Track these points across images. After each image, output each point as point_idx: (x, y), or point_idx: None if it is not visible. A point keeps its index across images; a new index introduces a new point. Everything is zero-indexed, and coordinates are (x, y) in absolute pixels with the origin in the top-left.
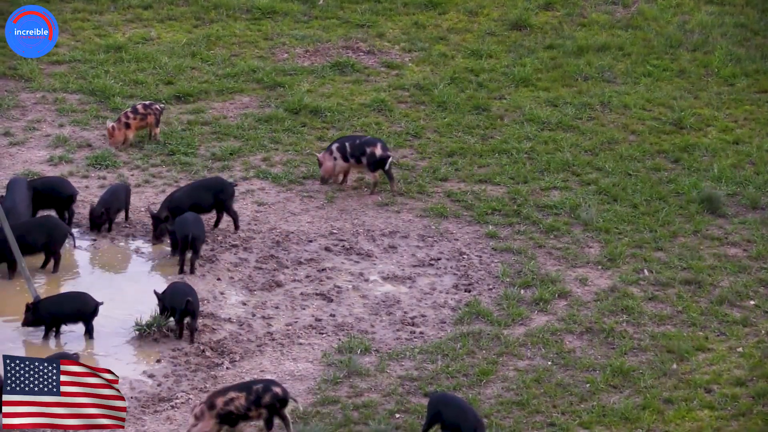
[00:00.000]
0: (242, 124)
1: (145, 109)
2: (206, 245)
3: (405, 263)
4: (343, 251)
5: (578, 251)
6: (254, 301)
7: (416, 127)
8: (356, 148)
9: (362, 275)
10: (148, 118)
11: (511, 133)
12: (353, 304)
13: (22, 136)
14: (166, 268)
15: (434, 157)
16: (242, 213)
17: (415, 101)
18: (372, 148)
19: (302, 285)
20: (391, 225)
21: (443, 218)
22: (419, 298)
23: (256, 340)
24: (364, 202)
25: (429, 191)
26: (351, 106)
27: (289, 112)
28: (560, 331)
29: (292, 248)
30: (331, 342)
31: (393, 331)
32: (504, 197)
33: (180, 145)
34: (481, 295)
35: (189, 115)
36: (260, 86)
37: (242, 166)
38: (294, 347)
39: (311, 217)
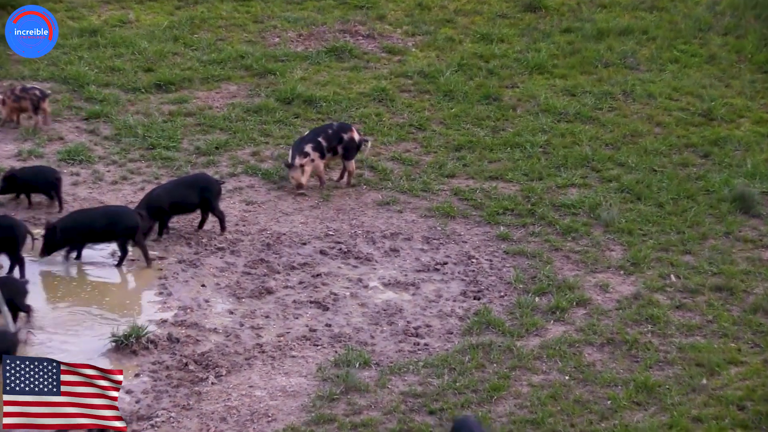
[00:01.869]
0: (229, 115)
1: (23, 92)
2: (189, 248)
3: (408, 268)
4: (340, 255)
5: (598, 255)
6: (242, 310)
7: (420, 119)
8: (332, 138)
9: (361, 281)
10: (22, 103)
11: (525, 125)
12: (351, 313)
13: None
14: (143, 274)
15: (440, 152)
16: (229, 213)
17: (419, 90)
18: (350, 133)
19: (295, 292)
20: (392, 226)
21: (450, 218)
22: (424, 306)
23: (244, 353)
24: (362, 201)
25: (434, 189)
26: (349, 95)
27: (280, 102)
28: (579, 343)
29: (284, 251)
30: (326, 354)
31: (395, 342)
32: (517, 195)
33: (161, 138)
34: (492, 303)
35: (171, 105)
36: (249, 74)
37: (229, 162)
38: (286, 360)
39: (305, 217)
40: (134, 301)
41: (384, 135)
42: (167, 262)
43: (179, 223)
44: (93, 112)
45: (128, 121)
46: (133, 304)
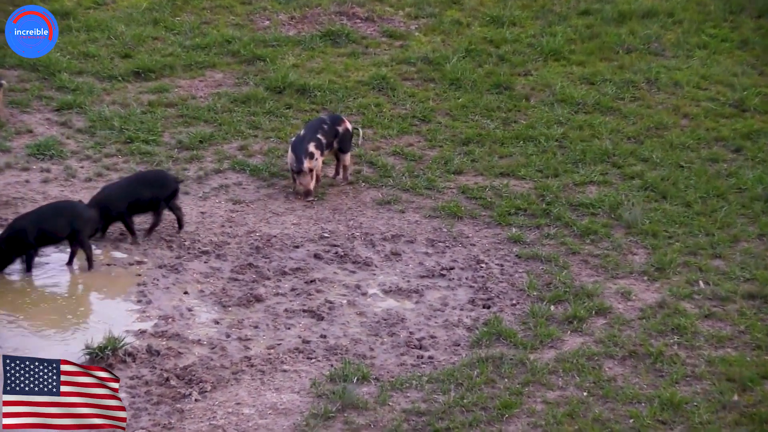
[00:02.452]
0: (214, 106)
1: None
2: (171, 251)
3: (411, 273)
4: (336, 259)
5: (620, 259)
6: (229, 320)
7: (424, 110)
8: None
9: (359, 288)
10: None
11: (539, 117)
12: (348, 323)
13: None
14: (120, 280)
15: (446, 146)
16: (215, 213)
17: (423, 78)
18: (343, 124)
19: (287, 300)
20: (393, 227)
21: (457, 219)
22: (428, 315)
23: (231, 367)
24: (361, 199)
25: (440, 187)
26: (346, 84)
27: (270, 91)
28: (598, 356)
29: (274, 255)
30: (321, 368)
31: (396, 355)
32: (530, 194)
33: (139, 130)
34: (503, 311)
35: (150, 94)
36: (236, 60)
37: (214, 156)
38: (277, 375)
39: (297, 217)
40: (110, 309)
41: (384, 127)
42: (146, 267)
43: (160, 225)
44: (65, 103)
45: (104, 112)
46: (108, 313)
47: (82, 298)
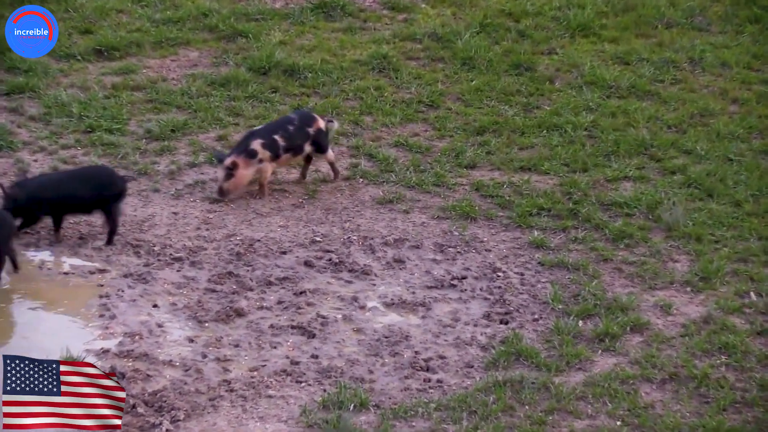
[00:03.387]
0: (189, 89)
1: None
2: (138, 258)
3: (416, 284)
4: (330, 267)
5: (659, 267)
6: (205, 337)
7: (432, 93)
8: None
9: (356, 300)
10: None
11: (565, 102)
12: (344, 341)
13: None
14: (79, 292)
15: (457, 136)
16: (189, 213)
17: (431, 57)
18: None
19: (272, 314)
20: (397, 230)
21: (470, 221)
22: (436, 332)
23: (207, 392)
24: (358, 198)
25: (450, 183)
26: (341, 63)
27: (254, 72)
28: (633, 379)
29: (258, 263)
30: (312, 394)
31: (399, 378)
32: (555, 191)
33: (102, 118)
34: (524, 327)
35: (114, 76)
36: (214, 36)
37: (189, 148)
38: (261, 401)
39: (285, 219)
40: (67, 325)
41: (386, 114)
42: (109, 276)
43: (123, 228)
44: (15, 86)
45: (60, 96)
46: (65, 329)
47: (34, 312)
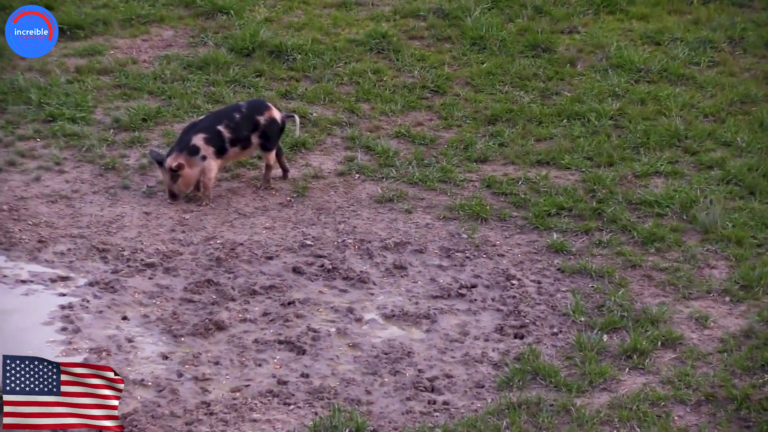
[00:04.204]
0: (162, 73)
1: None
2: (105, 263)
3: (420, 293)
4: (322, 274)
5: (693, 274)
6: (181, 353)
7: (438, 78)
8: (241, 124)
9: (352, 312)
10: None
11: (588, 87)
12: (338, 358)
13: None
14: (39, 302)
15: (466, 125)
16: (162, 214)
17: (436, 36)
18: (268, 113)
19: (257, 327)
20: (397, 232)
21: (481, 222)
22: (442, 348)
23: (184, 415)
24: (354, 196)
25: (458, 179)
26: (334, 43)
27: (236, 53)
28: (665, 400)
29: (240, 269)
30: (302, 417)
31: (401, 400)
32: (577, 188)
33: (64, 105)
34: (541, 342)
35: (78, 58)
36: (190, 13)
37: (163, 139)
38: (244, 425)
39: (271, 219)
40: (26, 339)
41: (385, 101)
42: (73, 284)
43: (88, 229)
44: None
45: (17, 81)
46: (24, 343)
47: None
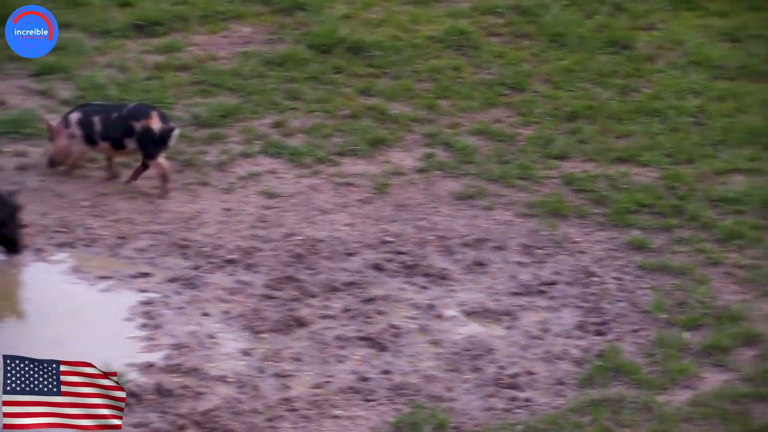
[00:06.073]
0: (241, 70)
1: None
2: (185, 260)
3: (500, 290)
4: (403, 271)
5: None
6: (262, 350)
7: (516, 74)
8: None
9: (433, 309)
10: None
11: (667, 84)
12: (419, 355)
13: None
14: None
15: (546, 122)
16: (243, 210)
17: (515, 33)
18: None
19: (338, 324)
20: (478, 229)
21: (560, 218)
22: (523, 345)
23: (265, 411)
24: (434, 192)
25: (537, 176)
26: (413, 40)
27: (314, 50)
28: (746, 398)
29: (321, 266)
30: (383, 414)
31: (482, 396)
32: (656, 185)
33: (144, 101)
34: (622, 340)
35: (157, 55)
36: (269, 9)
37: (241, 136)
38: (326, 422)
39: (351, 216)
40: (107, 336)
41: (464, 98)
42: (154, 281)
43: (168, 226)
44: (46, 66)
45: (96, 77)
46: (105, 340)
47: (69, 321)
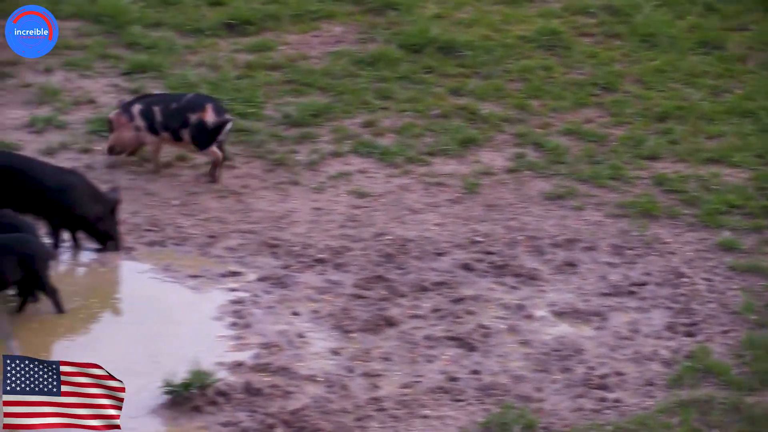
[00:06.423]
0: (332, 69)
1: None
2: (275, 259)
3: (590, 290)
4: (492, 271)
5: None
6: (352, 349)
7: (608, 75)
8: (172, 114)
9: (522, 309)
10: None
11: (759, 85)
12: (508, 355)
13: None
14: (209, 297)
15: (637, 123)
16: (333, 209)
17: (607, 33)
18: (200, 113)
19: (427, 324)
20: (568, 229)
21: (651, 219)
22: (612, 345)
23: (354, 411)
24: (524, 193)
25: (628, 176)
26: (504, 40)
27: (406, 49)
28: None
29: (411, 265)
30: (473, 414)
31: (571, 397)
32: (747, 186)
33: (235, 101)
34: (712, 341)
35: (248, 54)
36: (360, 9)
37: (332, 135)
38: (415, 422)
39: (441, 216)
40: (196, 335)
41: (555, 98)
42: (244, 280)
43: (259, 225)
44: (137, 64)
45: (187, 76)
46: (194, 339)
47: (158, 320)
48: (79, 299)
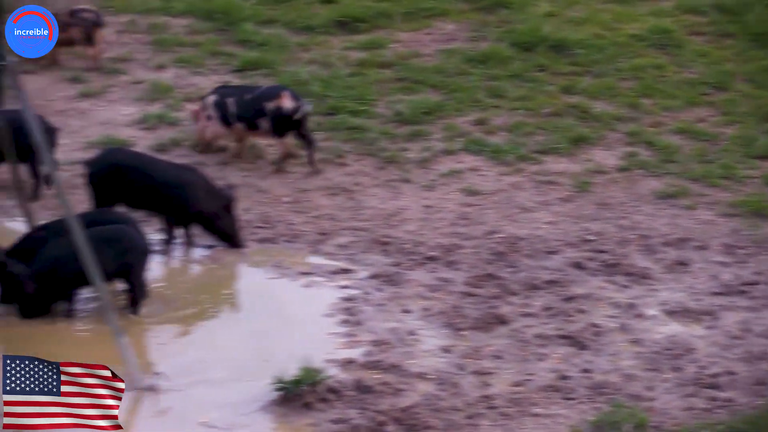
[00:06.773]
0: (444, 67)
1: (71, 16)
2: (386, 256)
3: (701, 289)
4: (604, 269)
5: None
6: (462, 347)
7: (719, 74)
8: (247, 104)
9: (633, 308)
10: (71, 31)
11: None
12: (619, 354)
13: (99, 83)
14: (320, 294)
15: (749, 122)
16: (444, 207)
17: (719, 32)
18: (277, 100)
19: (538, 322)
20: (679, 228)
21: (763, 218)
22: (724, 344)
23: (465, 409)
24: (636, 191)
25: (740, 175)
26: (616, 39)
27: (517, 47)
28: None
29: (522, 264)
30: (584, 413)
31: (682, 396)
32: None
33: (346, 98)
34: None
35: (359, 51)
36: (472, 7)
37: (444, 133)
38: (526, 420)
39: (553, 214)
40: (307, 332)
41: (667, 97)
42: (355, 277)
43: (370, 223)
44: (249, 61)
45: (299, 74)
46: (305, 336)
47: (269, 317)
48: (191, 296)
